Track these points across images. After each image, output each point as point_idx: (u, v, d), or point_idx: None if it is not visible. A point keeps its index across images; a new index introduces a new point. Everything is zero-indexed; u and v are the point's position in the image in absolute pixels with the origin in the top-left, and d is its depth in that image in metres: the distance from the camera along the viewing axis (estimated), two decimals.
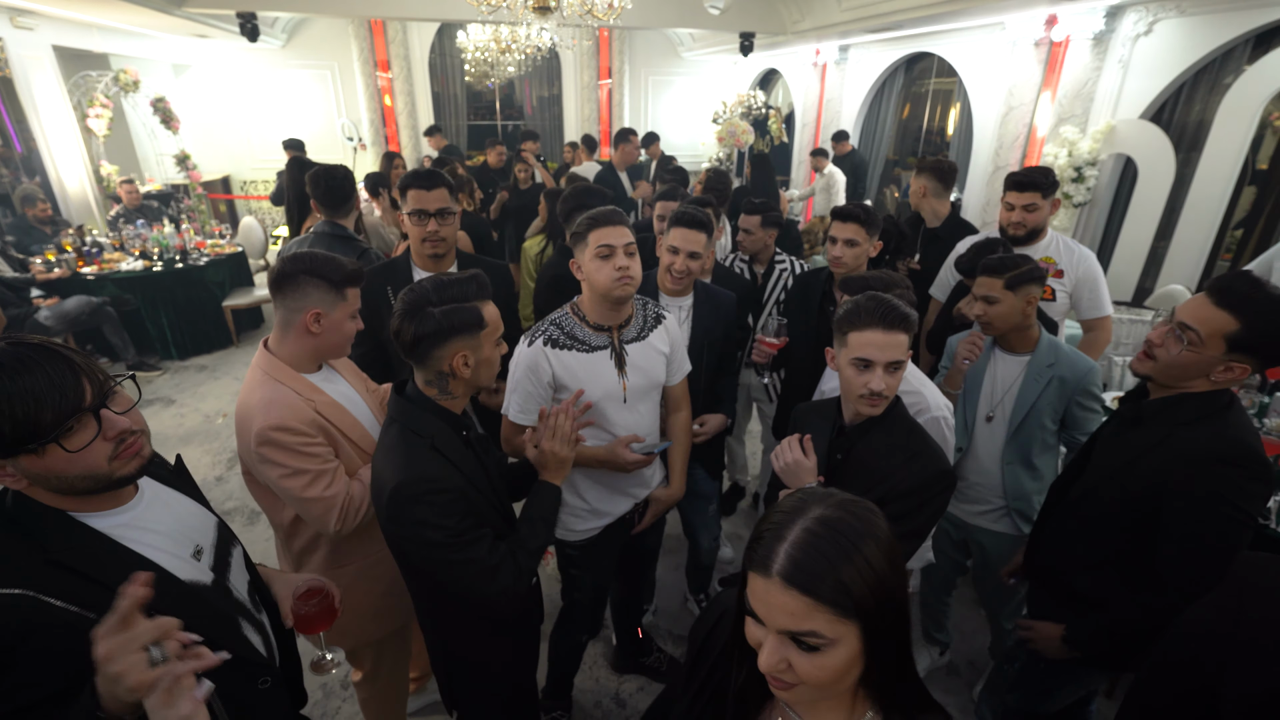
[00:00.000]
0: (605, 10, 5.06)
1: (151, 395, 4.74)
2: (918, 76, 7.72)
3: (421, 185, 2.04)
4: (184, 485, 1.20)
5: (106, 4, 5.12)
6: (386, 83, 9.56)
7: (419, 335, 1.27)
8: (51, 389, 0.87)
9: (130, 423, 0.96)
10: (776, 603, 0.70)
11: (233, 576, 1.18)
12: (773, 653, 0.72)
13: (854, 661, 0.72)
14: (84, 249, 5.20)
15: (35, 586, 0.88)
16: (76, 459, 0.90)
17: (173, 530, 1.08)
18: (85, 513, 0.97)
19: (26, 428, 0.86)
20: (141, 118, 7.80)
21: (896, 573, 0.72)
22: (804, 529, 0.71)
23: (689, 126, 10.59)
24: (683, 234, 2.03)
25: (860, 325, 1.36)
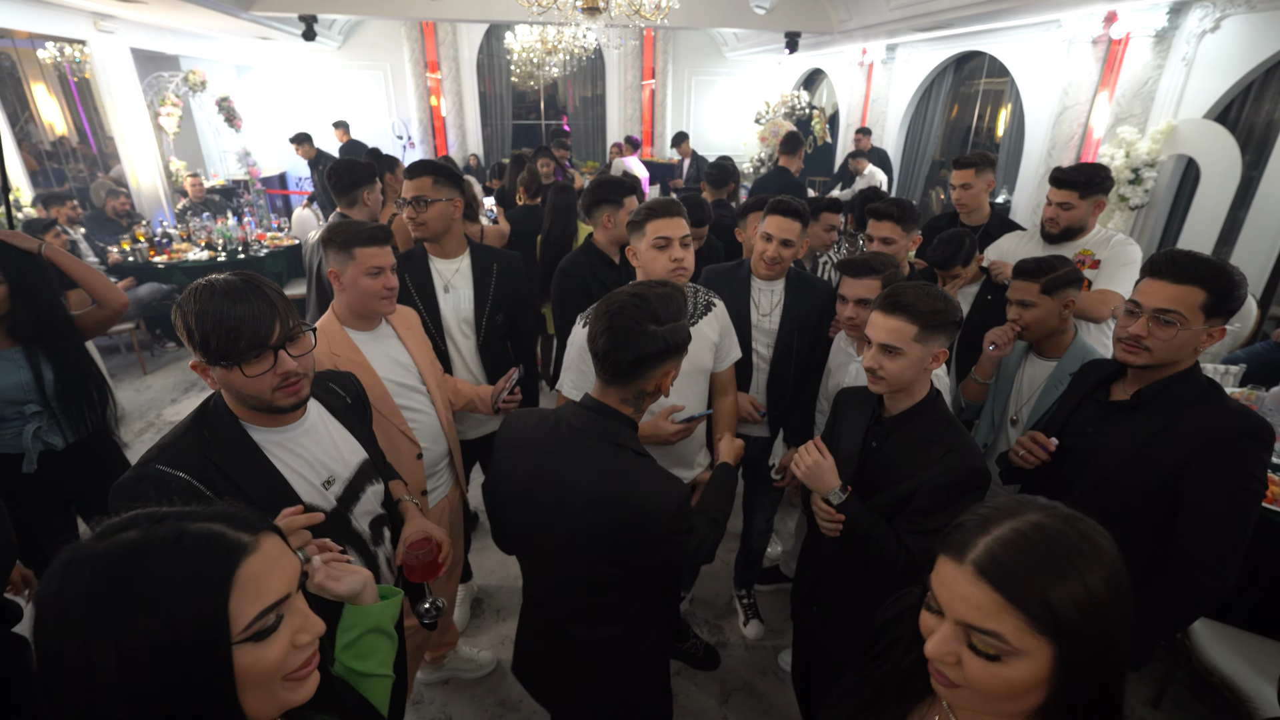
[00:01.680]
0: (653, 11, 5.12)
1: None
2: (967, 76, 7.57)
3: (407, 174, 2.14)
4: (352, 420, 1.36)
5: (182, 8, 5.41)
6: (435, 83, 9.83)
7: (642, 355, 1.20)
8: (251, 323, 1.05)
9: (297, 366, 1.12)
10: (962, 592, 0.65)
11: (358, 509, 1.30)
12: (943, 640, 0.67)
13: (1036, 685, 0.65)
14: (155, 239, 5.51)
15: (193, 473, 1.07)
16: (249, 382, 1.08)
17: (314, 457, 1.23)
18: (253, 425, 1.16)
19: (226, 348, 1.04)
20: (207, 116, 8.20)
21: (1119, 605, 0.64)
22: (1014, 528, 0.66)
23: (731, 126, 10.59)
24: (778, 221, 2.07)
25: (873, 306, 1.46)
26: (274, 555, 0.69)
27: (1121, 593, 0.65)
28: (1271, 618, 2.11)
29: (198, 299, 1.05)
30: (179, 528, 0.65)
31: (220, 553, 0.65)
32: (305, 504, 1.15)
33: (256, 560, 0.66)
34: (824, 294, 2.25)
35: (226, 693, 0.64)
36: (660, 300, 1.24)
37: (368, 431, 1.40)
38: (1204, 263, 1.34)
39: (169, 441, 1.11)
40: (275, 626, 0.67)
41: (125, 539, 0.63)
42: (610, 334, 1.21)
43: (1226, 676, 1.95)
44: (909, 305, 1.36)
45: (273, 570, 0.68)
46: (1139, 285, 1.41)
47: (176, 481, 1.05)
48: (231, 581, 0.64)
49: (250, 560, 0.66)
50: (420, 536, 1.37)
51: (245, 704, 0.65)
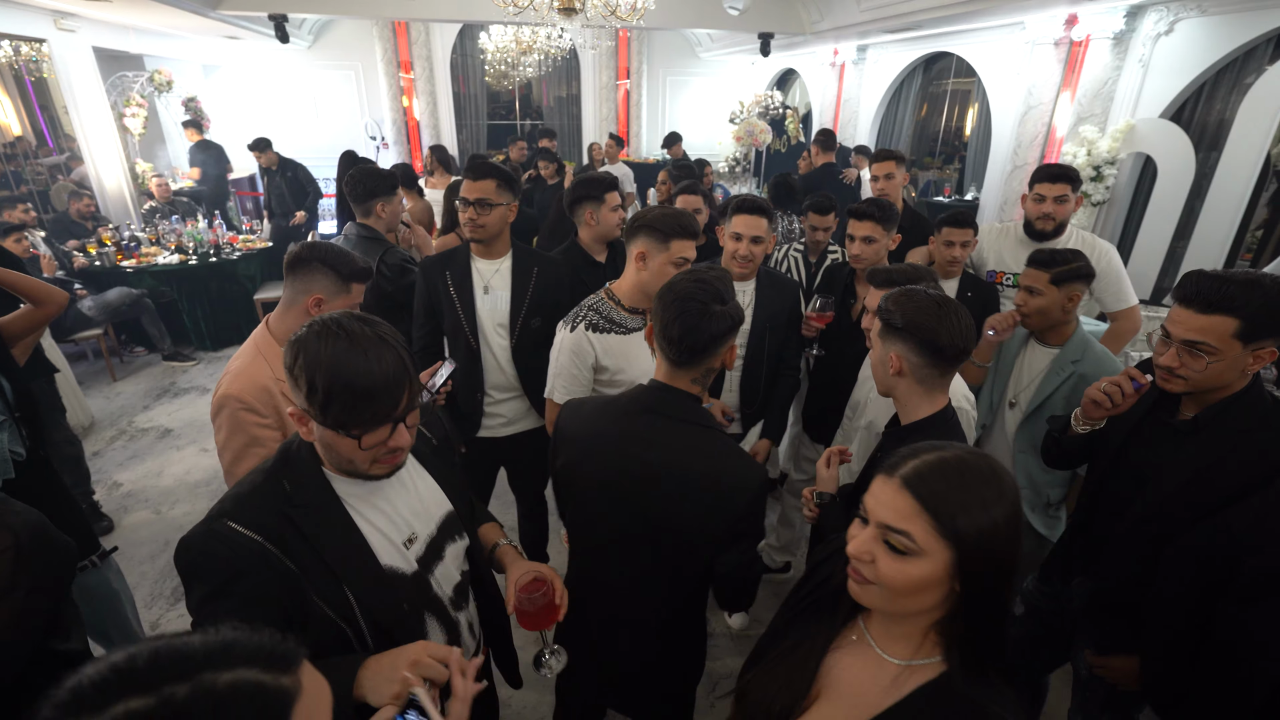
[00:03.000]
0: (629, 11, 5.16)
1: (187, 384, 4.91)
2: (936, 76, 7.74)
3: (470, 175, 2.10)
4: (438, 465, 1.22)
5: (146, 6, 5.29)
6: (409, 83, 9.73)
7: (715, 334, 1.25)
8: (385, 390, 0.92)
9: (409, 440, 1.00)
10: (887, 499, 0.80)
11: (440, 570, 1.18)
12: (865, 540, 0.81)
13: (933, 587, 0.78)
14: (123, 243, 5.38)
15: (268, 535, 0.96)
16: (357, 452, 0.96)
17: (398, 513, 1.11)
18: (339, 476, 1.04)
19: (348, 416, 0.92)
20: (174, 117, 8.01)
21: (1010, 539, 0.77)
22: (939, 456, 0.80)
23: (706, 126, 10.66)
24: (745, 220, 2.11)
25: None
26: (315, 692, 0.57)
27: (1014, 530, 0.78)
28: None
29: (330, 347, 0.90)
30: (204, 686, 0.49)
31: (269, 713, 0.52)
32: (385, 568, 1.06)
33: (304, 706, 0.54)
34: (794, 293, 2.30)
35: None
36: (720, 282, 1.30)
37: (452, 475, 1.26)
38: (1234, 285, 1.23)
39: (245, 492, 1.01)
40: None
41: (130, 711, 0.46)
42: (683, 319, 1.25)
43: None
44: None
45: (317, 710, 0.56)
46: (1170, 311, 1.34)
47: (247, 543, 0.95)
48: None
49: (299, 708, 0.53)
50: (530, 578, 1.20)
51: None
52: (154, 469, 3.82)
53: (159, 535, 3.24)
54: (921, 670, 0.83)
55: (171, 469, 3.83)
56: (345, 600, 1.01)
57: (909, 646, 0.85)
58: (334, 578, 1.00)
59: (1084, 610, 1.64)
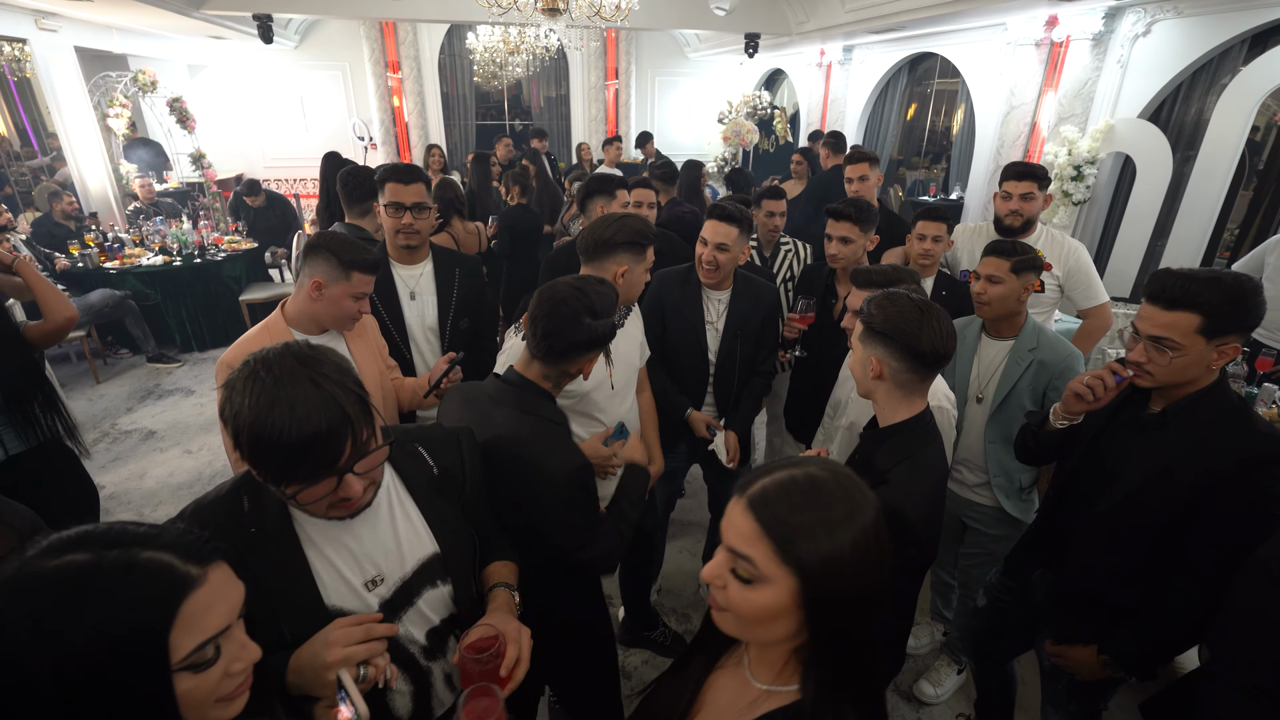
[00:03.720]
0: (613, 12, 5.17)
1: (172, 386, 4.88)
2: (922, 77, 7.81)
3: (400, 179, 2.08)
4: (433, 499, 1.13)
5: (128, 6, 5.26)
6: (397, 83, 9.71)
7: (573, 343, 1.34)
8: (319, 444, 0.84)
9: (361, 489, 0.92)
10: (734, 521, 0.75)
11: (410, 615, 1.10)
12: (716, 565, 0.77)
13: (782, 616, 0.73)
14: (106, 244, 5.35)
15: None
16: (300, 500, 0.90)
17: (364, 551, 1.04)
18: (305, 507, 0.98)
19: (282, 471, 0.86)
20: (159, 117, 7.97)
21: (860, 566, 0.72)
22: (789, 475, 0.75)
23: (695, 126, 10.70)
24: (713, 226, 2.10)
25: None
26: (219, 588, 0.68)
27: (867, 554, 0.72)
28: None
29: (255, 394, 0.82)
30: (129, 556, 0.63)
31: (167, 586, 0.64)
32: (330, 608, 1.00)
33: (202, 594, 0.65)
34: (770, 297, 2.30)
35: (163, 712, 0.64)
36: (598, 296, 1.37)
37: (451, 512, 1.15)
38: (1197, 282, 1.28)
39: (206, 504, 0.99)
40: (214, 659, 0.67)
41: (74, 561, 0.61)
42: (550, 319, 1.33)
43: None
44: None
45: (216, 604, 0.67)
46: (1140, 308, 1.39)
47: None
48: (175, 616, 0.63)
49: (196, 594, 0.65)
50: (480, 634, 1.04)
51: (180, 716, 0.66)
52: (137, 471, 3.80)
53: None
54: (778, 696, 0.80)
55: (155, 471, 3.81)
56: (279, 632, 0.97)
57: (770, 671, 0.82)
58: (271, 611, 0.96)
59: (1047, 602, 1.68)
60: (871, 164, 3.15)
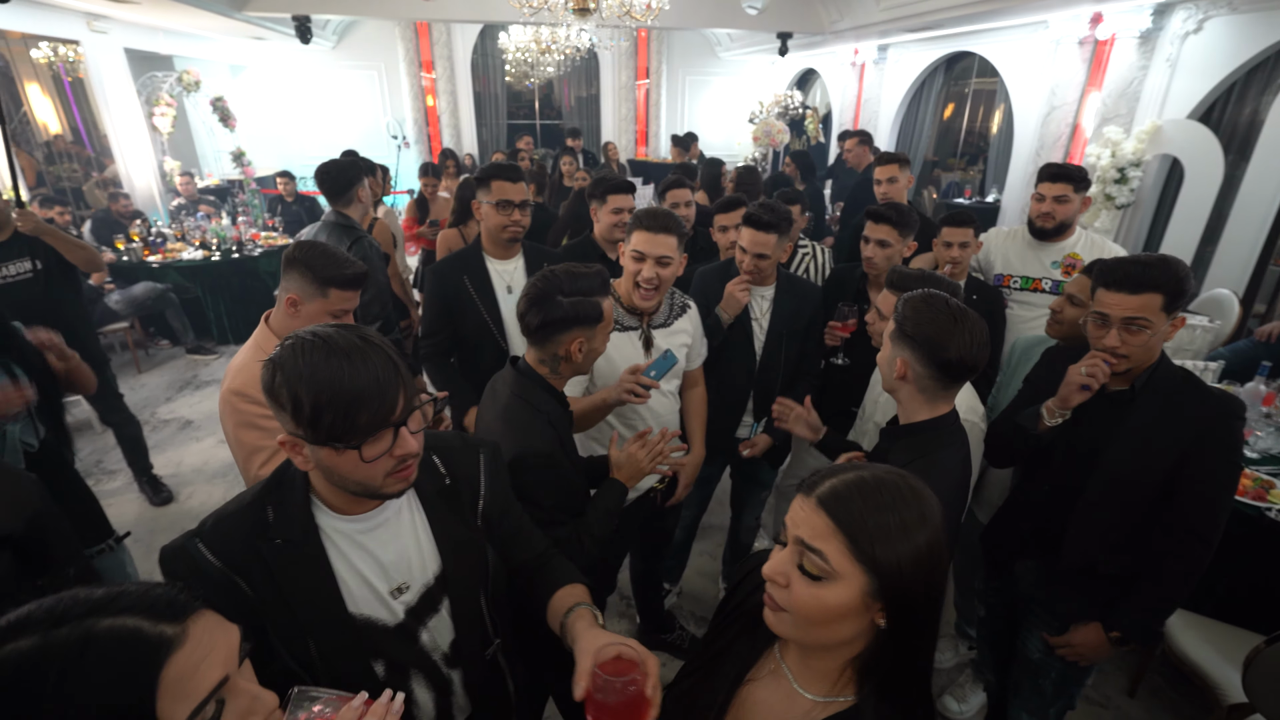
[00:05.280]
0: (643, 11, 5.16)
1: (208, 377, 5.03)
2: (958, 76, 7.63)
3: (508, 177, 2.14)
4: (442, 510, 1.08)
5: (173, 8, 5.43)
6: (430, 83, 9.86)
7: (546, 321, 1.37)
8: (377, 394, 0.84)
9: (416, 446, 0.92)
10: (803, 518, 0.75)
11: (434, 622, 1.08)
12: (780, 561, 0.76)
13: (849, 616, 0.73)
14: (150, 239, 5.53)
15: (233, 565, 0.92)
16: (363, 467, 0.88)
17: (390, 558, 1.02)
18: (327, 509, 0.97)
19: (342, 426, 0.84)
20: (201, 116, 8.21)
21: (932, 567, 0.73)
22: (858, 475, 0.76)
23: (725, 126, 10.63)
24: (750, 235, 2.03)
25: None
26: (204, 641, 0.59)
27: (936, 553, 0.73)
28: (1239, 607, 2.15)
29: (307, 358, 0.83)
30: (83, 630, 0.54)
31: (139, 657, 0.55)
32: (356, 617, 0.98)
33: (184, 654, 0.57)
34: (815, 299, 2.27)
35: None
36: (570, 277, 1.40)
37: (458, 525, 1.09)
38: (1153, 267, 1.41)
39: (229, 513, 0.97)
40: (218, 715, 0.60)
41: (16, 650, 0.52)
42: (526, 299, 1.40)
43: (1197, 665, 1.99)
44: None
45: (204, 660, 0.58)
46: (1099, 295, 1.47)
47: (209, 569, 0.91)
48: (156, 686, 0.55)
49: (176, 656, 0.56)
50: (615, 654, 0.89)
51: None
52: (174, 459, 3.92)
53: (175, 523, 3.32)
54: (834, 706, 0.79)
55: (190, 459, 3.93)
56: (305, 646, 0.95)
57: (824, 682, 0.80)
58: (294, 620, 0.94)
59: (1036, 594, 1.70)
60: (901, 165, 3.09)
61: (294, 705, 0.67)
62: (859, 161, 5.05)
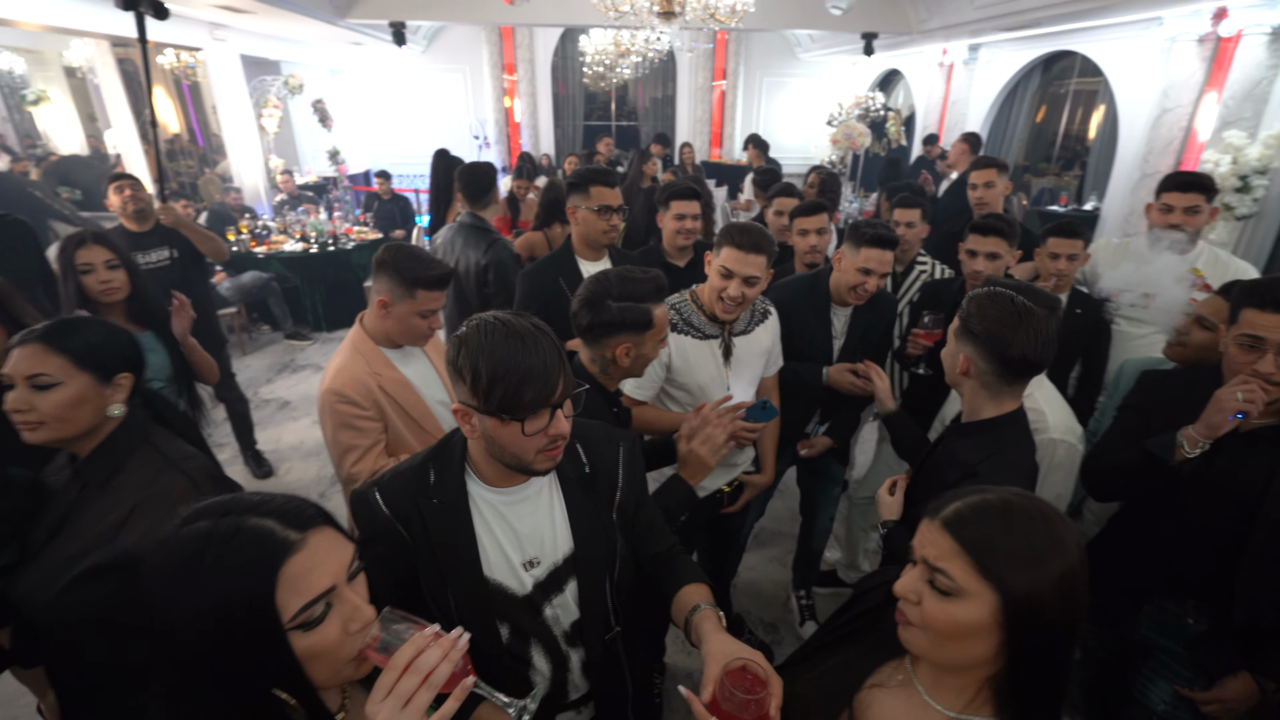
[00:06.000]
0: (728, 14, 5.15)
1: (304, 361, 5.38)
2: (1056, 77, 7.23)
3: (606, 183, 2.20)
4: (580, 496, 1.15)
5: (286, 16, 5.83)
6: (511, 84, 10.16)
7: (594, 323, 1.43)
8: (543, 375, 0.95)
9: (567, 429, 1.02)
10: (929, 539, 0.78)
11: (559, 600, 1.15)
12: (910, 579, 0.79)
13: (980, 635, 0.73)
14: (256, 231, 5.96)
15: (397, 515, 1.05)
16: (521, 440, 0.97)
17: (525, 530, 1.10)
18: (479, 480, 1.08)
19: (511, 399, 0.94)
20: (302, 117, 8.76)
21: (1068, 590, 0.72)
22: (983, 498, 0.77)
23: (802, 129, 10.45)
24: (878, 255, 1.96)
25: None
26: (320, 551, 0.72)
27: (1073, 582, 0.72)
28: None
29: (489, 337, 0.95)
30: (237, 523, 0.70)
31: (267, 550, 0.69)
32: (489, 581, 1.08)
33: (301, 557, 0.70)
34: (890, 308, 2.27)
35: (287, 667, 0.70)
36: (622, 282, 1.42)
37: (594, 512, 1.16)
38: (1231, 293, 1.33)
39: (402, 469, 1.10)
40: (323, 617, 0.71)
41: (197, 529, 0.70)
42: (578, 299, 1.45)
43: None
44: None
45: (316, 567, 0.71)
46: (1248, 317, 1.35)
47: (381, 516, 1.05)
48: (276, 578, 0.68)
49: (295, 557, 0.69)
50: (741, 665, 0.88)
51: (310, 672, 0.72)
52: (273, 436, 4.22)
53: None
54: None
55: (287, 438, 4.22)
56: (445, 597, 1.07)
57: (961, 698, 0.81)
58: (439, 573, 1.07)
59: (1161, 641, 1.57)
60: (1000, 170, 2.97)
61: (383, 621, 0.75)
62: (958, 164, 4.87)
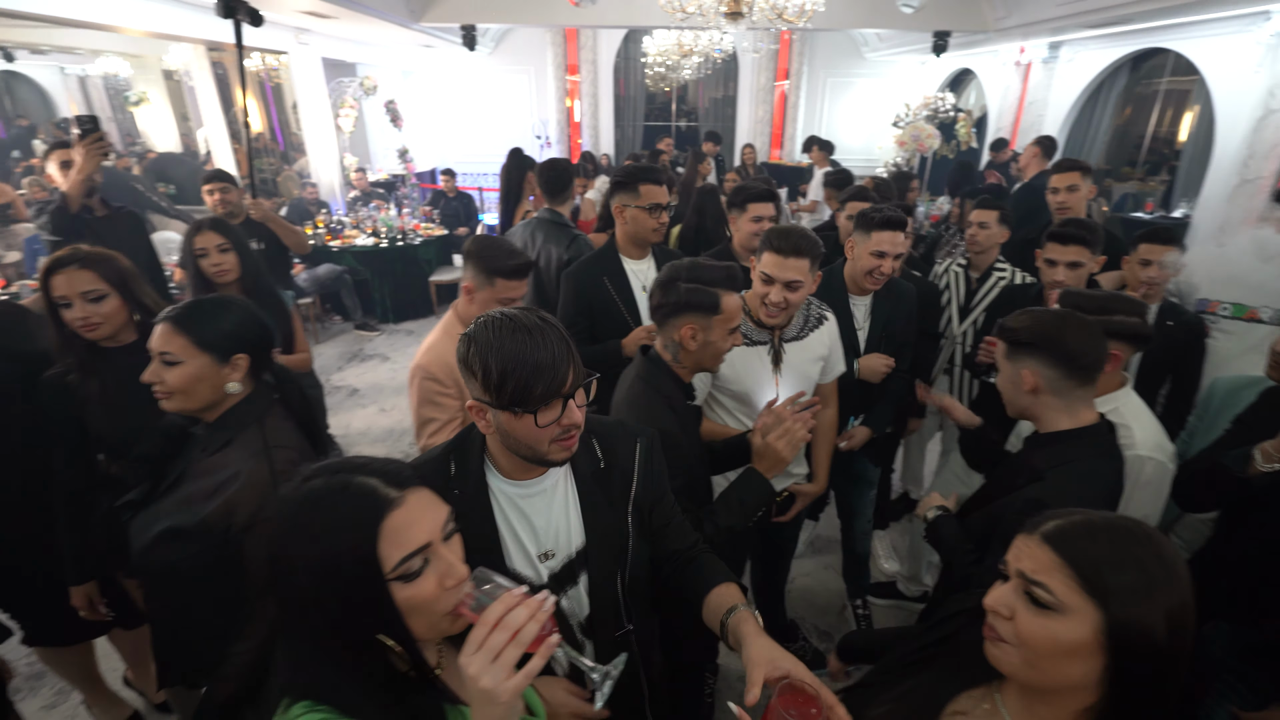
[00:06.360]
0: (796, 13, 5.09)
1: (372, 351, 5.61)
2: (1145, 76, 6.83)
3: (654, 180, 2.20)
4: (594, 489, 1.17)
5: (365, 21, 6.09)
6: (573, 85, 10.32)
7: (662, 302, 1.48)
8: (551, 367, 0.96)
9: (581, 419, 1.04)
10: (1026, 552, 0.75)
11: (573, 593, 1.17)
12: (1003, 593, 0.75)
13: (1079, 655, 0.70)
14: (331, 226, 6.25)
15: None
16: (535, 432, 0.99)
17: (540, 523, 1.13)
18: (497, 472, 1.11)
19: (522, 393, 0.96)
20: (374, 116, 9.13)
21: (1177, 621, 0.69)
22: (1086, 517, 0.75)
23: (866, 130, 10.21)
24: (890, 236, 2.02)
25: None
26: (418, 509, 0.78)
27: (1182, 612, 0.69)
28: None
29: (496, 333, 0.97)
30: (346, 480, 0.77)
31: (371, 504, 0.75)
32: (511, 571, 1.11)
33: (401, 513, 0.76)
34: (910, 297, 2.25)
35: (390, 615, 0.76)
36: (693, 266, 1.49)
37: (605, 509, 1.17)
38: None
39: (425, 460, 1.14)
40: (421, 570, 0.77)
41: (311, 486, 0.77)
42: (656, 282, 1.52)
43: None
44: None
45: (416, 522, 0.77)
46: None
47: None
48: (379, 530, 0.74)
49: (396, 513, 0.76)
50: (788, 684, 0.86)
51: (410, 624, 0.77)
52: (342, 422, 4.42)
53: None
54: None
55: (355, 424, 4.41)
56: None
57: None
58: (469, 563, 1.07)
59: (1228, 661, 1.50)
60: (1084, 174, 2.85)
61: (476, 579, 0.80)
62: (1029, 169, 4.67)
